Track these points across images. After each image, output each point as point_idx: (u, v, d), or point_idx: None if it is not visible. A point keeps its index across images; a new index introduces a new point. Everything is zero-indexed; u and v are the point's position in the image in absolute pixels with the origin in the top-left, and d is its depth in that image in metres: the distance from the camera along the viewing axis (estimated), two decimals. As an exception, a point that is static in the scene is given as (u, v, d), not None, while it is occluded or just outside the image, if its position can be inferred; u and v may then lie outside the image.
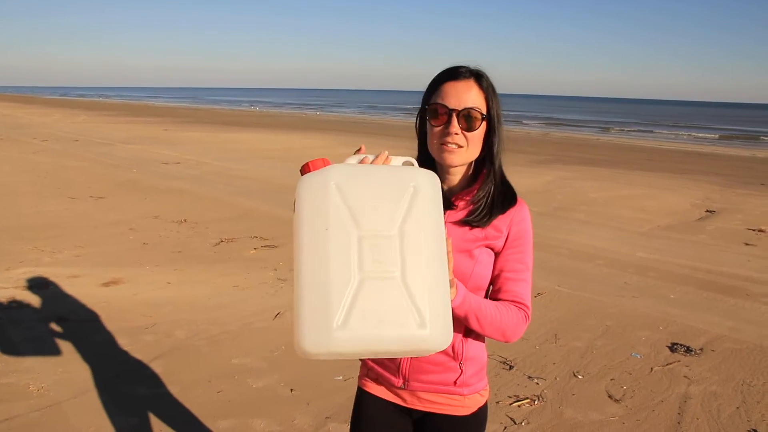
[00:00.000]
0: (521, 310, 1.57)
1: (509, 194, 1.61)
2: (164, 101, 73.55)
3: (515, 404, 3.54)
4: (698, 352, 4.34)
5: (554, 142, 25.06)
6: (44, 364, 3.89)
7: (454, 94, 1.54)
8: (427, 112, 1.58)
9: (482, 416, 1.69)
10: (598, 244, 7.45)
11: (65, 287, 5.31)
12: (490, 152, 1.60)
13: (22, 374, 3.73)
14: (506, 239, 1.59)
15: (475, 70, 1.57)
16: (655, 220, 9.08)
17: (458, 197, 1.61)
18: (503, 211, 1.58)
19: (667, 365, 4.13)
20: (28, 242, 6.75)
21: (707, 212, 9.79)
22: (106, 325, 4.52)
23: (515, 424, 3.34)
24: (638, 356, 4.26)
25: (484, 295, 1.61)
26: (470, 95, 1.54)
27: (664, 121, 51.63)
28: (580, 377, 3.92)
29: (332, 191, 1.27)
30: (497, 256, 1.60)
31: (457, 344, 1.61)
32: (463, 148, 1.54)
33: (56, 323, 4.52)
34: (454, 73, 1.57)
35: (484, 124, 1.55)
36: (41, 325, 4.49)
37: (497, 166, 1.61)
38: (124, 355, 4.07)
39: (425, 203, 1.30)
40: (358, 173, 1.31)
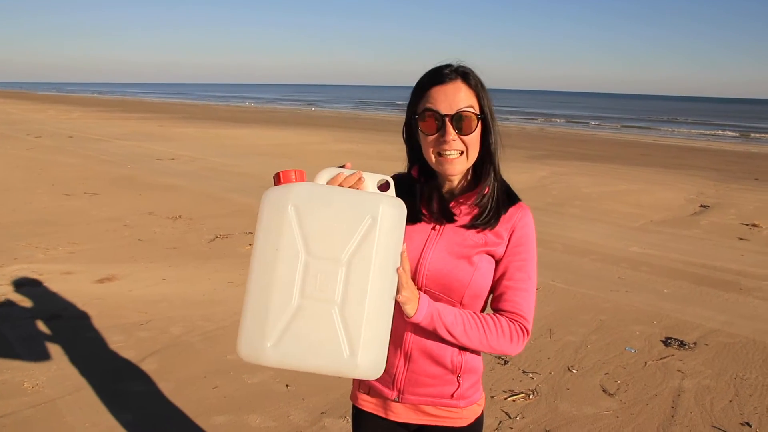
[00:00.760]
0: (515, 323, 1.49)
1: (510, 191, 1.56)
2: (159, 97, 73.32)
3: (510, 399, 3.55)
4: (692, 346, 4.36)
5: (549, 137, 25.09)
6: (39, 361, 3.88)
7: (443, 98, 1.44)
8: (416, 121, 1.49)
9: (479, 426, 1.64)
10: (592, 239, 7.47)
11: (59, 284, 5.30)
12: (488, 151, 1.51)
13: (16, 371, 3.73)
14: (507, 245, 1.51)
15: (460, 68, 1.47)
16: (649, 215, 9.11)
17: (459, 201, 1.54)
18: (506, 209, 1.52)
19: (660, 359, 4.15)
20: (21, 239, 6.73)
21: (701, 207, 9.83)
22: (100, 321, 4.52)
23: (510, 418, 3.35)
24: (632, 350, 4.28)
25: (482, 303, 1.55)
26: (460, 96, 1.44)
27: (658, 116, 51.73)
28: (574, 372, 3.93)
29: (289, 213, 1.30)
30: (498, 263, 1.52)
31: (455, 357, 1.54)
32: (463, 154, 1.47)
33: (50, 320, 4.51)
34: (438, 75, 1.47)
35: (479, 124, 1.47)
36: (35, 322, 4.48)
37: (497, 164, 1.54)
38: (118, 351, 4.06)
39: (381, 235, 1.30)
40: (319, 197, 1.32)
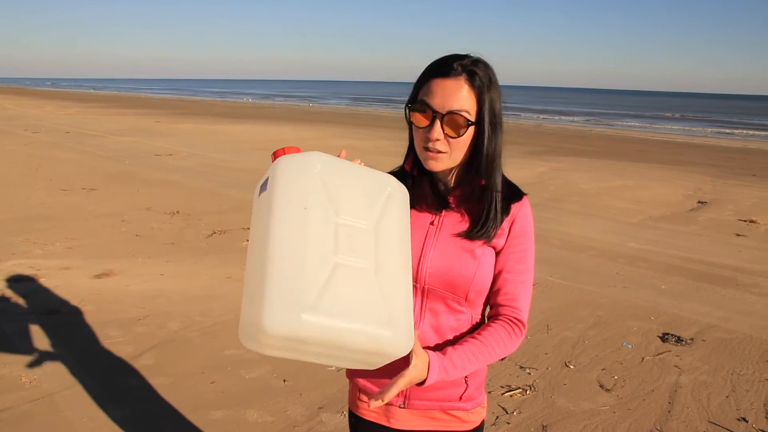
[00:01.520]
0: (512, 323, 1.44)
1: (512, 191, 1.49)
2: (156, 93, 73.17)
3: (507, 394, 3.56)
4: (689, 341, 4.37)
5: (547, 133, 25.09)
6: (36, 356, 3.88)
7: (440, 93, 1.36)
8: (410, 111, 1.42)
9: (481, 429, 1.61)
10: (590, 234, 7.48)
11: (57, 279, 5.29)
12: (476, 156, 1.42)
13: (13, 366, 3.72)
14: (507, 237, 1.47)
15: (469, 65, 1.37)
16: (646, 210, 9.12)
17: (454, 194, 1.49)
18: (507, 212, 1.47)
19: (658, 355, 4.16)
20: (19, 234, 6.72)
21: (699, 203, 9.84)
22: (98, 317, 4.52)
23: (507, 413, 3.36)
24: (629, 346, 4.29)
25: (485, 298, 1.50)
26: (458, 96, 1.36)
27: (656, 112, 51.73)
28: (571, 367, 3.94)
29: (315, 172, 1.22)
30: (498, 255, 1.48)
31: None
32: (446, 154, 1.39)
33: (48, 315, 4.51)
34: (444, 66, 1.38)
35: (470, 130, 1.38)
36: (33, 317, 4.48)
37: (495, 177, 1.44)
38: (116, 346, 4.06)
39: (398, 210, 1.28)
40: (340, 164, 1.28)
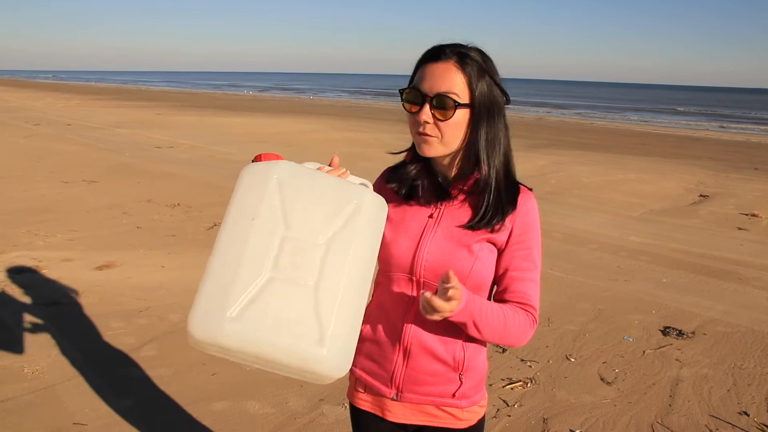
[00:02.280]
0: (529, 314, 1.44)
1: (512, 196, 1.45)
2: (157, 85, 73.05)
3: (508, 387, 3.56)
4: (690, 335, 4.37)
5: (548, 126, 25.04)
6: (38, 347, 3.89)
7: (429, 77, 1.37)
8: (401, 95, 1.43)
9: (480, 429, 1.58)
10: (591, 228, 7.47)
11: (59, 271, 5.29)
12: (472, 142, 1.40)
13: (16, 357, 3.73)
14: (510, 233, 1.43)
15: (461, 49, 1.38)
16: (648, 204, 9.11)
17: (454, 186, 1.46)
18: (513, 206, 1.43)
19: (659, 348, 4.16)
20: (20, 226, 6.72)
21: (700, 197, 9.82)
22: (99, 308, 4.52)
23: (508, 406, 3.36)
24: (631, 339, 4.29)
25: (486, 296, 1.49)
26: (446, 79, 1.35)
27: (657, 105, 51.64)
28: (572, 360, 3.94)
29: (272, 183, 1.23)
30: (501, 252, 1.45)
31: (458, 353, 1.47)
32: (436, 138, 1.38)
33: (50, 307, 4.51)
34: (434, 53, 1.39)
35: (462, 112, 1.36)
36: (35, 308, 4.48)
37: (494, 166, 1.42)
38: (117, 338, 4.07)
39: (363, 224, 1.25)
40: (305, 175, 1.27)
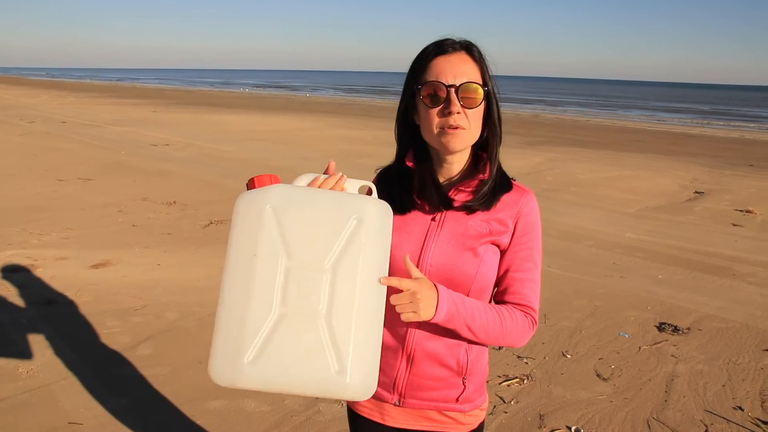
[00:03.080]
0: (528, 315, 1.42)
1: (505, 188, 1.45)
2: (152, 83, 72.84)
3: (505, 383, 3.57)
4: (685, 331, 4.38)
5: (544, 123, 25.07)
6: (33, 346, 3.87)
7: (448, 68, 1.35)
8: (419, 93, 1.38)
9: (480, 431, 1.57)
10: (587, 225, 7.48)
11: (54, 269, 5.28)
12: (492, 129, 1.43)
13: (11, 356, 3.72)
14: (513, 234, 1.43)
15: (463, 41, 1.39)
16: (643, 201, 9.13)
17: (459, 189, 1.44)
18: (506, 190, 1.44)
19: (654, 344, 4.17)
20: (15, 224, 6.70)
21: (696, 193, 9.85)
22: (95, 307, 4.51)
23: (504, 402, 3.37)
24: (626, 336, 4.29)
25: (489, 297, 1.47)
26: (466, 68, 1.36)
27: (653, 102, 51.71)
28: (568, 357, 3.95)
29: (267, 215, 1.20)
30: (503, 253, 1.44)
31: (461, 358, 1.45)
32: (465, 129, 1.36)
33: (45, 305, 4.50)
34: (442, 46, 1.38)
35: (484, 98, 1.38)
36: (30, 307, 4.47)
37: (497, 158, 1.45)
38: (113, 336, 4.06)
39: (368, 238, 1.21)
40: (300, 198, 1.22)
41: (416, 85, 1.39)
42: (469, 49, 1.39)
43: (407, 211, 1.46)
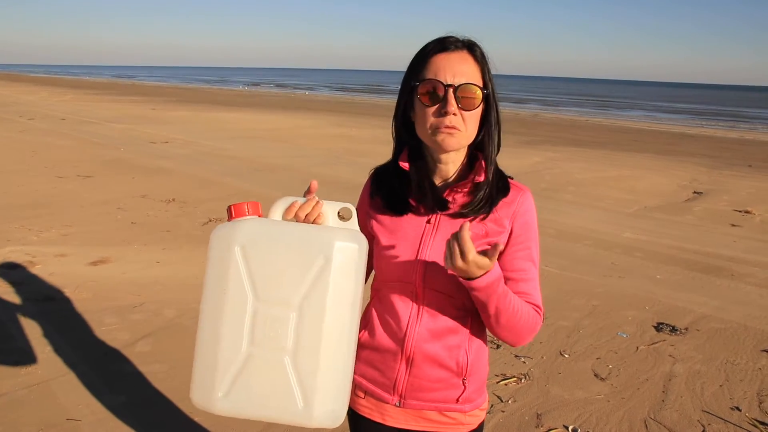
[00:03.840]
0: (538, 312, 1.41)
1: (503, 190, 1.43)
2: (151, 80, 72.75)
3: (502, 382, 3.58)
4: (683, 331, 4.39)
5: (543, 123, 25.07)
6: (32, 342, 3.87)
7: (448, 67, 1.33)
8: (416, 90, 1.35)
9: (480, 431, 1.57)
10: (585, 224, 7.49)
11: (53, 266, 5.28)
12: (488, 132, 1.40)
13: (9, 353, 3.72)
14: (510, 234, 1.41)
15: (466, 39, 1.37)
16: (642, 201, 9.13)
17: (453, 190, 1.42)
18: (504, 194, 1.42)
19: (652, 344, 4.18)
20: (14, 221, 6.70)
21: (694, 193, 9.86)
22: (94, 304, 4.51)
23: (502, 401, 3.37)
24: (624, 335, 4.30)
25: None
26: (466, 68, 1.33)
27: (651, 102, 51.71)
28: (566, 356, 3.96)
29: (235, 254, 1.22)
30: (501, 253, 1.40)
31: (461, 358, 1.45)
32: (461, 131, 1.34)
33: (44, 302, 4.50)
34: (444, 43, 1.35)
35: (483, 100, 1.35)
36: (29, 304, 4.47)
37: (494, 160, 1.42)
38: (112, 333, 4.06)
39: (335, 276, 1.21)
40: (267, 236, 1.23)
41: (414, 81, 1.37)
42: (471, 48, 1.36)
43: (402, 213, 1.45)
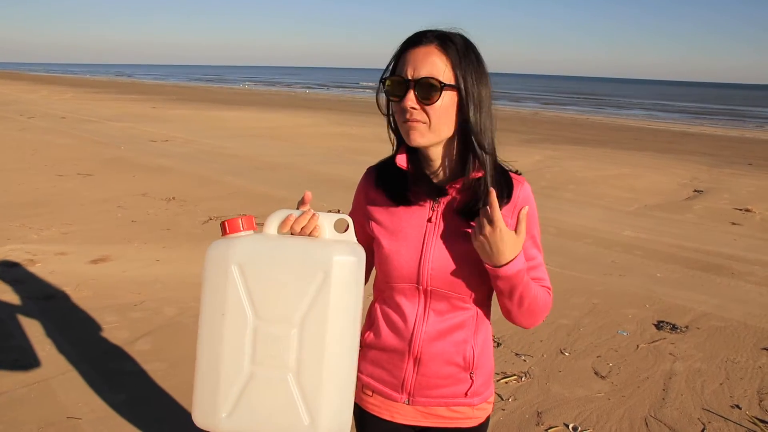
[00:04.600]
0: (549, 293, 1.46)
1: (506, 185, 1.41)
2: (151, 78, 72.73)
3: (503, 381, 3.58)
4: (684, 329, 4.39)
5: (543, 121, 25.06)
6: (32, 340, 3.87)
7: (411, 61, 1.31)
8: (383, 85, 1.38)
9: (487, 425, 1.58)
10: (585, 222, 7.49)
11: (53, 264, 5.28)
12: (463, 128, 1.35)
13: (9, 351, 3.72)
14: (514, 227, 1.37)
15: (442, 32, 1.33)
16: (642, 199, 9.13)
17: (449, 187, 1.40)
18: (508, 194, 1.40)
19: (652, 342, 4.18)
20: (15, 219, 6.70)
21: (695, 192, 9.85)
22: (94, 302, 4.51)
23: (502, 400, 3.37)
24: (625, 334, 4.30)
25: (491, 293, 1.47)
26: (429, 62, 1.30)
27: (651, 100, 51.68)
28: (566, 354, 3.96)
29: (232, 273, 1.20)
30: None
31: (468, 353, 1.46)
32: (424, 124, 1.32)
33: (44, 300, 4.50)
34: (415, 38, 1.34)
35: (449, 95, 1.31)
36: (29, 302, 4.47)
37: (487, 153, 1.37)
38: (112, 332, 4.06)
39: (335, 290, 1.19)
40: (263, 252, 1.21)
41: (382, 76, 1.39)
42: (443, 41, 1.32)
43: (404, 204, 1.44)
